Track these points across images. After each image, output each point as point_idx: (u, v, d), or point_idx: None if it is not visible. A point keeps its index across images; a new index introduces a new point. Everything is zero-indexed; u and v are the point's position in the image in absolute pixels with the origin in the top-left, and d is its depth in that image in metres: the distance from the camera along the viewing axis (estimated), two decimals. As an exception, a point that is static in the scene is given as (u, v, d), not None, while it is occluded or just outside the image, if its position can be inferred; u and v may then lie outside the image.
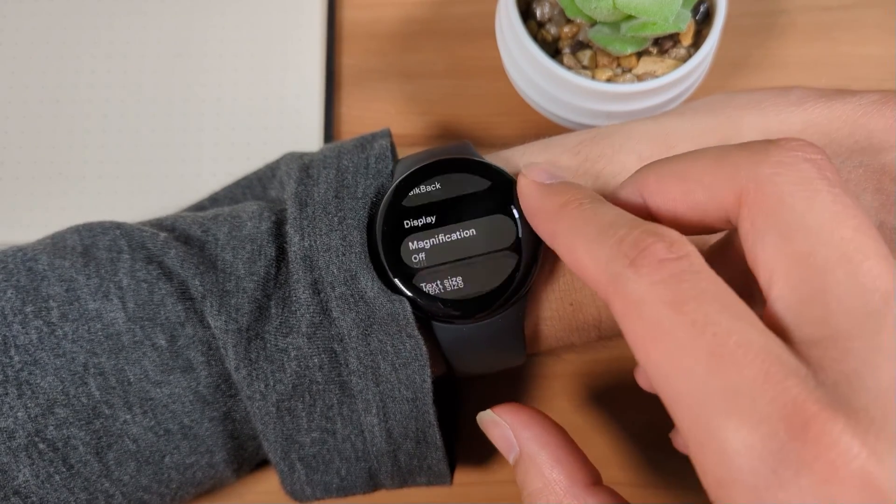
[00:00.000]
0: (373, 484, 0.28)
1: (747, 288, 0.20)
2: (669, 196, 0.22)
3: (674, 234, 0.19)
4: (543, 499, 0.23)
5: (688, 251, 0.19)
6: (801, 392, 0.17)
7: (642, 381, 0.26)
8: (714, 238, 0.25)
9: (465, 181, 0.26)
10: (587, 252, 0.20)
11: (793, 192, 0.19)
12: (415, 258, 0.25)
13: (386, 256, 0.25)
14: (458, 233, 0.26)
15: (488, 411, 0.26)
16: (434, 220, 0.26)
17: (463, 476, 0.33)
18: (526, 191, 0.25)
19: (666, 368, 0.18)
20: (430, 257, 0.25)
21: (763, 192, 0.19)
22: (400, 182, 0.26)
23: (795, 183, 0.19)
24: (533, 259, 0.26)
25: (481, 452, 0.33)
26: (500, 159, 0.28)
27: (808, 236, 0.19)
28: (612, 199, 0.24)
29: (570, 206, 0.22)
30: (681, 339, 0.18)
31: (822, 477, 0.16)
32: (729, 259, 0.23)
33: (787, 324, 0.19)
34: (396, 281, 0.25)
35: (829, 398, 0.17)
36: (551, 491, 0.23)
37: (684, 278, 0.18)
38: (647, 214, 0.23)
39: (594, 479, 0.24)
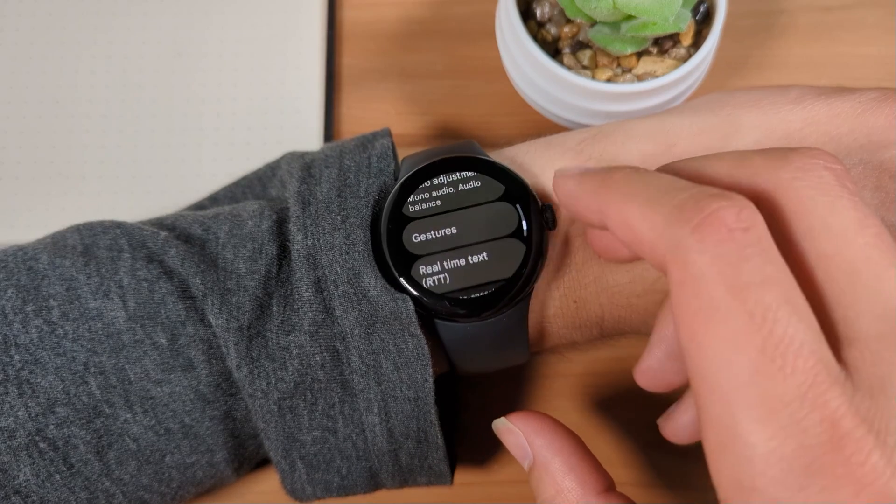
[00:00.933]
0: (373, 483, 0.28)
1: None
2: None
3: (742, 199, 0.18)
4: None
5: (756, 221, 0.18)
6: (840, 405, 0.16)
7: (641, 381, 0.25)
8: None
9: (470, 179, 0.26)
10: (642, 216, 0.19)
11: (813, 196, 0.19)
12: (420, 256, 0.25)
13: (391, 254, 0.25)
14: (463, 231, 0.26)
15: (503, 419, 0.26)
16: (439, 217, 0.26)
17: (463, 476, 0.33)
18: (563, 182, 0.23)
19: (710, 355, 0.17)
20: (435, 255, 0.25)
21: (783, 196, 0.19)
22: (405, 180, 0.26)
23: (815, 188, 0.19)
24: (539, 256, 0.26)
25: (482, 452, 0.33)
26: (503, 157, 0.28)
27: (831, 238, 0.19)
28: None
29: (617, 176, 0.21)
30: (735, 330, 0.17)
31: (848, 494, 0.16)
32: None
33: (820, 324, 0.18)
34: (402, 279, 0.25)
35: (864, 411, 0.17)
36: (564, 498, 0.23)
37: (750, 257, 0.17)
38: None
39: (606, 486, 0.24)
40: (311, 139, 0.37)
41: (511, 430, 0.25)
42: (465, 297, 0.25)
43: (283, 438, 0.26)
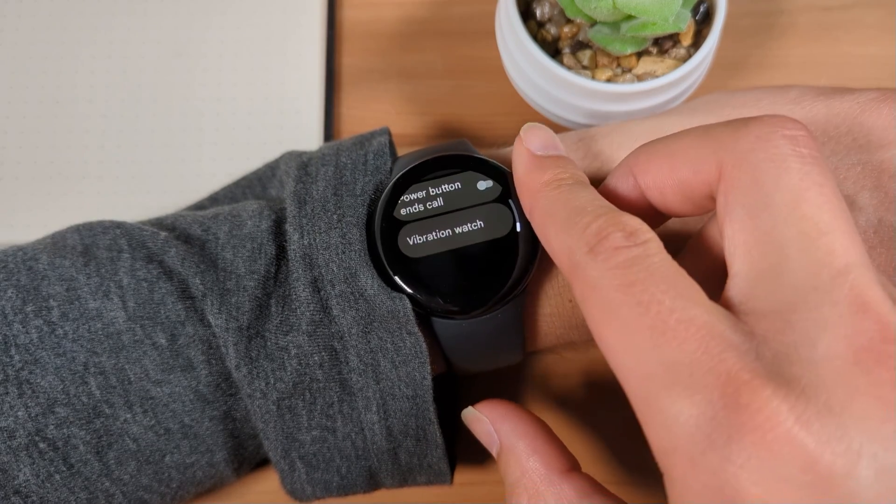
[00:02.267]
0: (373, 483, 0.28)
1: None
2: (658, 174, 0.22)
3: (634, 223, 0.20)
4: (521, 487, 0.24)
5: (645, 238, 0.20)
6: (736, 363, 0.17)
7: None
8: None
9: (462, 177, 0.26)
10: (556, 236, 0.22)
11: (765, 168, 0.20)
12: (414, 253, 0.25)
13: (385, 253, 0.25)
14: (456, 229, 0.26)
15: (470, 408, 0.26)
16: (432, 216, 0.26)
17: (463, 475, 0.33)
18: (518, 157, 0.25)
19: (615, 346, 0.19)
20: (429, 253, 0.25)
21: (738, 168, 0.20)
22: (398, 179, 0.26)
23: (768, 159, 0.20)
24: (531, 254, 0.26)
25: (482, 452, 0.33)
26: (499, 157, 0.28)
27: (771, 213, 0.19)
28: (607, 179, 0.24)
29: (550, 186, 0.23)
30: (627, 318, 0.19)
31: (751, 441, 0.17)
32: (712, 240, 0.23)
33: (742, 297, 0.19)
34: (396, 278, 0.25)
35: (764, 369, 0.17)
36: (529, 479, 0.24)
37: (635, 263, 0.19)
38: (638, 193, 0.23)
39: (570, 466, 0.24)
40: (311, 139, 0.37)
41: (479, 418, 0.26)
42: (459, 294, 0.25)
43: (282, 438, 0.26)
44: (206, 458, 0.27)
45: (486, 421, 0.25)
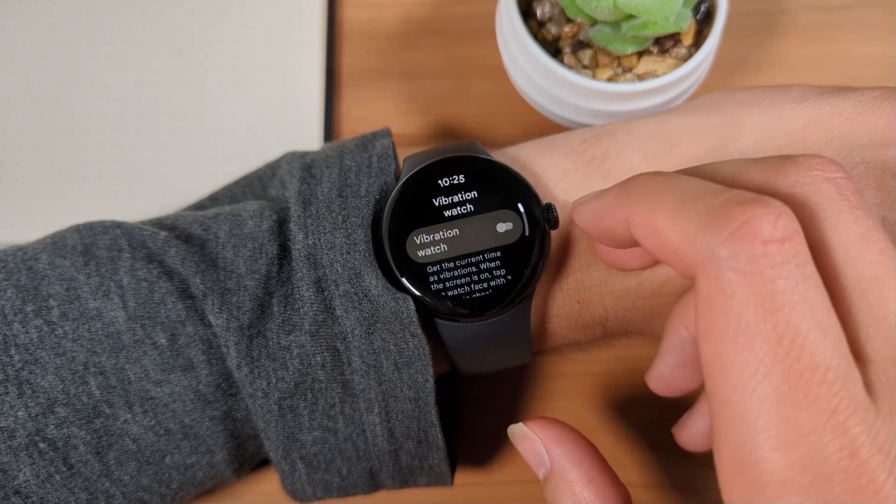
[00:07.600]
0: (373, 484, 0.28)
1: None
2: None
3: (779, 206, 0.17)
4: None
5: (793, 230, 0.17)
6: (860, 433, 0.16)
7: (653, 386, 0.25)
8: None
9: (472, 179, 0.26)
10: (672, 223, 0.18)
11: (813, 211, 0.19)
12: (421, 255, 0.25)
13: (392, 254, 0.25)
14: (465, 230, 0.25)
15: (520, 424, 0.25)
16: (441, 217, 0.26)
17: (463, 477, 0.33)
18: (581, 205, 0.23)
19: (733, 380, 0.17)
20: (437, 255, 0.25)
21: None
22: (407, 180, 0.26)
23: (815, 203, 0.19)
24: (541, 256, 0.25)
25: (482, 453, 0.33)
26: (505, 156, 0.28)
27: (834, 255, 0.18)
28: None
29: (640, 180, 0.20)
30: (761, 356, 0.17)
31: None
32: None
33: (862, 342, 0.18)
34: (403, 279, 0.25)
35: (882, 436, 0.16)
36: None
37: (785, 273, 0.17)
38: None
39: (624, 500, 0.23)
40: (311, 139, 0.37)
41: (528, 436, 0.24)
42: (466, 297, 0.25)
43: (283, 438, 0.26)
44: (206, 458, 0.27)
45: (537, 440, 0.24)
